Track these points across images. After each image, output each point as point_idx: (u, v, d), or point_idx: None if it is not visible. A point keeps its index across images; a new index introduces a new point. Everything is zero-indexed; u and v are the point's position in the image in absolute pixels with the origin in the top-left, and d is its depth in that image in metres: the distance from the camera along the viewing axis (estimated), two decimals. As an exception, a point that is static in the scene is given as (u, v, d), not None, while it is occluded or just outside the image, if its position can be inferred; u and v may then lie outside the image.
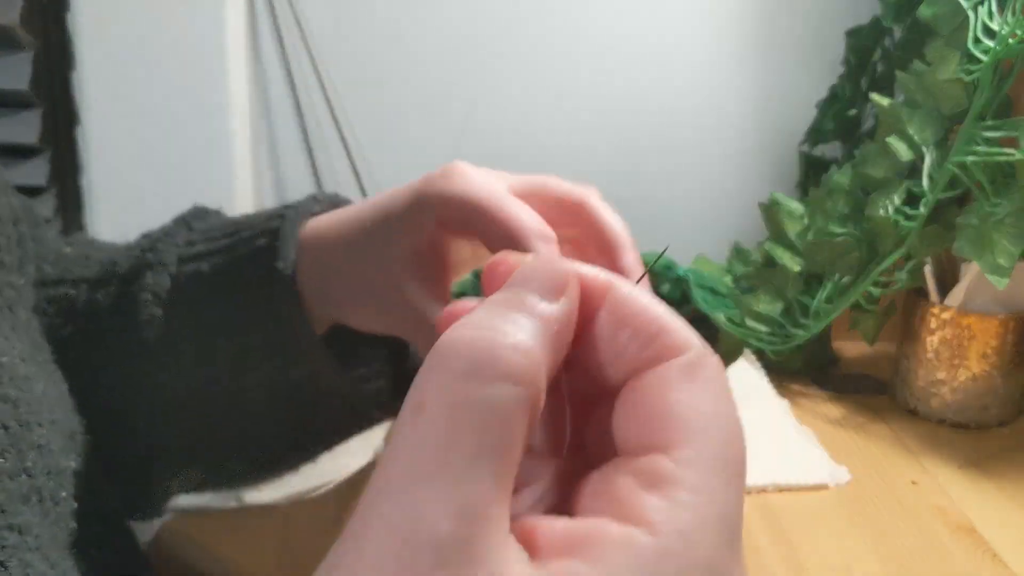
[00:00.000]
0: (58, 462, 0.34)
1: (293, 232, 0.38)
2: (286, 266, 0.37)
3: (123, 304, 0.39)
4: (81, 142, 0.87)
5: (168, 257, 0.39)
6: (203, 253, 0.39)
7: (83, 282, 0.41)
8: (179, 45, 0.85)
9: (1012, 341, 0.66)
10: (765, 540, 0.53)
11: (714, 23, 0.91)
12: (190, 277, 0.38)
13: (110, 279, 0.41)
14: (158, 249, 0.40)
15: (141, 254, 0.40)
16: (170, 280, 0.38)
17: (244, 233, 0.39)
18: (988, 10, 0.62)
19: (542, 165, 0.95)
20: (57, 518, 0.33)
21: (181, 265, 0.39)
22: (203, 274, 0.38)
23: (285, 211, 0.39)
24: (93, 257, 0.43)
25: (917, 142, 0.66)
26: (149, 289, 0.38)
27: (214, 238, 0.40)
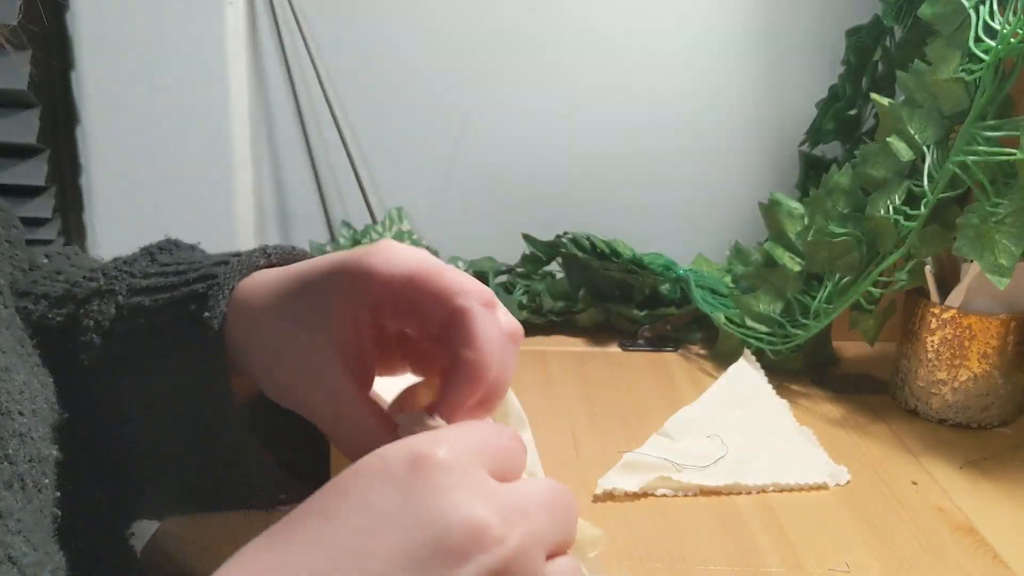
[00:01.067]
0: (40, 450, 0.35)
1: (228, 282, 0.37)
2: (213, 316, 0.36)
3: (70, 327, 0.40)
4: (81, 142, 0.87)
5: (119, 286, 0.40)
6: (151, 288, 0.39)
7: (44, 299, 0.42)
8: (179, 45, 0.85)
9: (1013, 341, 0.66)
10: (765, 540, 0.53)
11: (714, 23, 0.91)
12: (133, 309, 0.39)
13: (67, 301, 0.41)
14: (113, 276, 0.40)
15: (99, 278, 0.41)
16: (115, 310, 0.39)
17: (190, 273, 0.39)
18: (989, 9, 0.62)
19: (542, 164, 0.95)
20: (41, 505, 0.34)
21: (129, 296, 0.39)
22: (144, 308, 0.39)
23: (230, 258, 0.39)
24: (64, 273, 0.44)
25: (917, 142, 0.66)
26: (93, 316, 0.39)
27: (166, 273, 0.40)
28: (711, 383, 0.72)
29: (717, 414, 0.66)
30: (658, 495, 0.57)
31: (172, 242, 0.44)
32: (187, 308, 0.37)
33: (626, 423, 0.67)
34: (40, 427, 0.36)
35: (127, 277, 0.40)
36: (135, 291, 0.39)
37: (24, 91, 0.79)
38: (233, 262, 0.38)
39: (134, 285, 0.40)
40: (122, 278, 0.40)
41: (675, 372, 0.77)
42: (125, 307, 0.39)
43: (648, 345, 0.83)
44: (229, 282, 0.37)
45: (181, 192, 0.89)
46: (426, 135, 0.94)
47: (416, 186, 0.96)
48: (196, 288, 0.38)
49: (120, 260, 0.42)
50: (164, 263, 0.41)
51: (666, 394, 0.72)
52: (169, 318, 0.38)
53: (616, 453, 0.61)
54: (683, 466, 0.58)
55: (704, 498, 0.57)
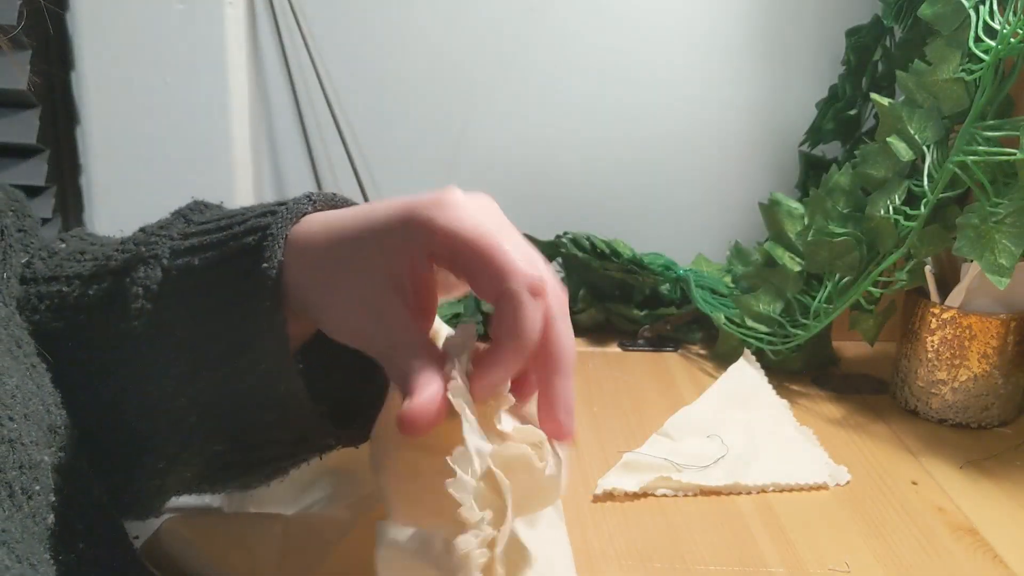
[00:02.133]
0: (31, 456, 0.34)
1: (282, 231, 0.37)
2: (271, 266, 0.36)
3: (114, 298, 0.39)
4: (81, 142, 0.87)
5: (161, 250, 0.39)
6: (195, 247, 0.38)
7: (76, 278, 0.41)
8: (179, 45, 0.85)
9: (1013, 341, 0.66)
10: (765, 540, 0.53)
11: (714, 23, 0.91)
12: (181, 271, 0.38)
13: (103, 275, 0.40)
14: (152, 242, 0.40)
15: (135, 248, 0.40)
16: (161, 273, 0.38)
17: (236, 228, 0.38)
18: (989, 9, 0.62)
19: (542, 164, 0.95)
20: (31, 512, 0.33)
21: (173, 258, 0.38)
22: (194, 268, 0.38)
23: (277, 208, 0.39)
24: (88, 252, 0.43)
25: (917, 142, 0.66)
26: (140, 283, 0.38)
27: (208, 231, 0.39)
28: (711, 383, 0.72)
29: (717, 414, 0.66)
30: (658, 495, 0.57)
31: (200, 202, 0.44)
32: (241, 262, 0.37)
33: (626, 423, 0.67)
34: (33, 431, 0.35)
35: (167, 240, 0.39)
36: (178, 252, 0.39)
37: (24, 91, 0.79)
38: (281, 211, 0.38)
39: (176, 247, 0.39)
40: (161, 242, 0.39)
41: (675, 372, 0.77)
42: (172, 269, 0.38)
43: (648, 345, 0.83)
44: (283, 231, 0.37)
45: (181, 192, 0.88)
46: (426, 135, 0.94)
47: (416, 186, 0.95)
48: (247, 241, 0.37)
49: (151, 227, 0.42)
50: (201, 222, 0.40)
51: (666, 394, 0.72)
52: (223, 274, 0.37)
53: (616, 453, 0.61)
54: (683, 466, 0.58)
55: (704, 498, 0.57)
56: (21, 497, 0.33)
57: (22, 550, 0.31)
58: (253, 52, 0.91)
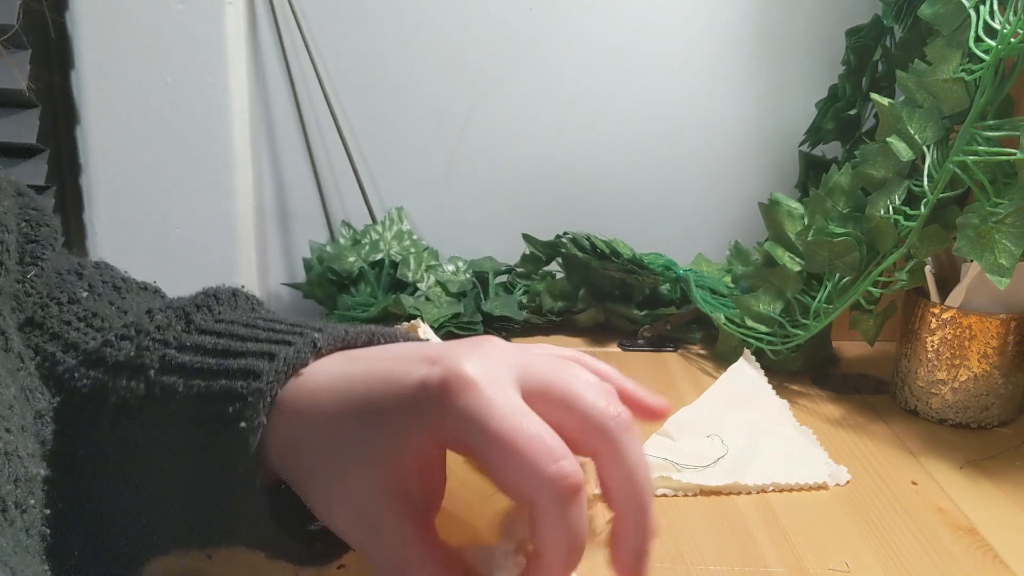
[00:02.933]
0: (27, 469, 0.33)
1: (271, 387, 0.33)
2: (248, 428, 0.33)
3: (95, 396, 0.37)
4: (81, 142, 0.87)
5: (151, 358, 0.36)
6: (185, 367, 0.36)
7: (73, 349, 0.39)
8: (179, 45, 0.85)
9: (1013, 341, 0.66)
10: (765, 540, 0.53)
11: (714, 23, 0.91)
12: (165, 391, 0.35)
13: (97, 363, 0.38)
14: (145, 346, 0.37)
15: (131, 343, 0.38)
16: (144, 388, 0.36)
17: (230, 363, 0.35)
18: (989, 9, 0.62)
19: (542, 164, 0.95)
20: (26, 525, 0.32)
21: (161, 373, 0.36)
22: (177, 394, 0.35)
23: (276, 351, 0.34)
24: (100, 317, 0.41)
25: (917, 142, 0.66)
26: (121, 393, 0.36)
27: (204, 350, 0.36)
28: (711, 383, 0.72)
29: (717, 414, 0.66)
30: (658, 495, 0.57)
31: (211, 295, 0.40)
32: (225, 408, 0.34)
33: (626, 423, 0.67)
34: (29, 444, 0.34)
35: (160, 347, 0.37)
36: (168, 368, 0.36)
37: (24, 91, 0.79)
38: (280, 357, 0.34)
39: (168, 358, 0.36)
40: (155, 348, 0.37)
41: (675, 372, 0.77)
42: (156, 386, 0.36)
43: (648, 345, 0.83)
44: (272, 388, 0.34)
45: (181, 192, 0.89)
46: (426, 135, 0.94)
47: (416, 186, 0.96)
48: (236, 386, 0.34)
49: (154, 318, 0.38)
50: (203, 329, 0.37)
51: (666, 394, 0.72)
52: (203, 411, 0.34)
53: (616, 453, 0.61)
54: (683, 466, 0.58)
55: (704, 498, 0.57)
56: (15, 511, 0.32)
57: (15, 563, 0.30)
58: (253, 52, 0.91)
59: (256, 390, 0.33)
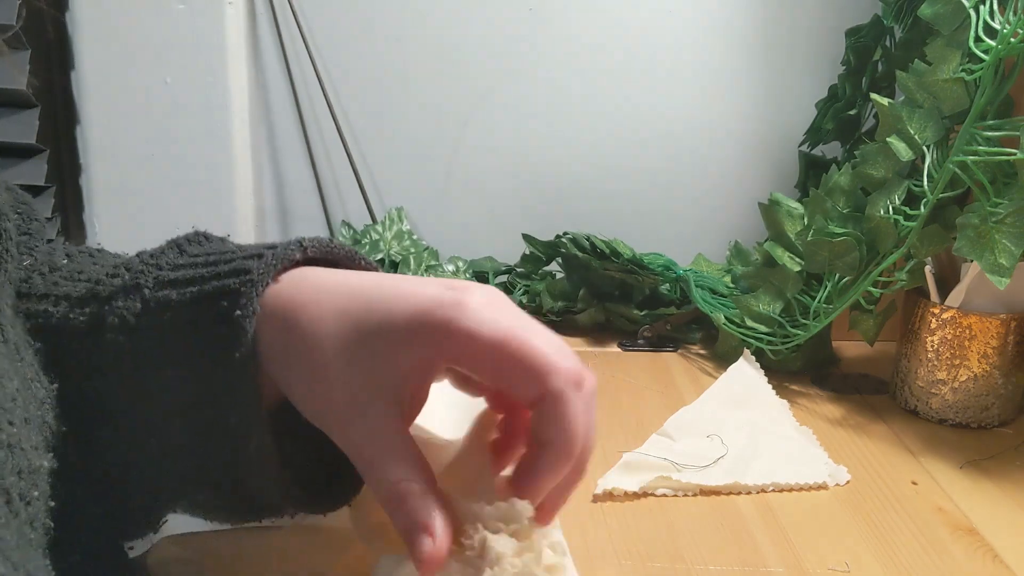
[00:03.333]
0: (31, 461, 0.33)
1: (263, 279, 0.35)
2: (243, 315, 0.34)
3: (93, 327, 0.38)
4: (81, 142, 0.87)
5: (145, 279, 0.37)
6: (178, 280, 0.37)
7: (64, 300, 0.40)
8: (179, 45, 0.85)
9: (1013, 341, 0.66)
10: (765, 540, 0.53)
11: (714, 23, 0.91)
12: (160, 304, 0.36)
13: (89, 300, 0.39)
14: (139, 270, 0.38)
15: (124, 273, 0.39)
16: (141, 305, 0.37)
17: (221, 266, 0.36)
18: (989, 9, 0.62)
19: (542, 164, 0.95)
20: (30, 518, 0.32)
21: (156, 289, 0.37)
22: (171, 302, 0.36)
23: (264, 252, 0.36)
24: (86, 273, 0.42)
25: (917, 142, 0.66)
26: (118, 313, 0.37)
27: (196, 264, 0.37)
28: (711, 383, 0.72)
29: (717, 414, 0.66)
30: (658, 495, 0.57)
31: (201, 234, 0.42)
32: (218, 304, 0.35)
33: (626, 423, 0.67)
34: (33, 436, 0.34)
35: (154, 270, 0.38)
36: (162, 284, 0.37)
37: (24, 91, 0.79)
38: (268, 255, 0.36)
39: (161, 278, 0.37)
40: (148, 271, 0.38)
41: (675, 372, 0.77)
42: (151, 300, 0.37)
43: (648, 345, 0.83)
44: (263, 279, 0.35)
45: (181, 192, 0.89)
46: (426, 135, 0.94)
47: (416, 186, 0.96)
48: (228, 283, 0.35)
49: (146, 253, 0.40)
50: (194, 254, 0.39)
51: (666, 394, 0.72)
52: (198, 313, 0.36)
53: (616, 453, 0.61)
54: (683, 466, 0.58)
55: (704, 498, 0.57)
56: (19, 503, 0.32)
57: (18, 557, 0.31)
58: (253, 52, 0.91)
59: (248, 281, 0.35)
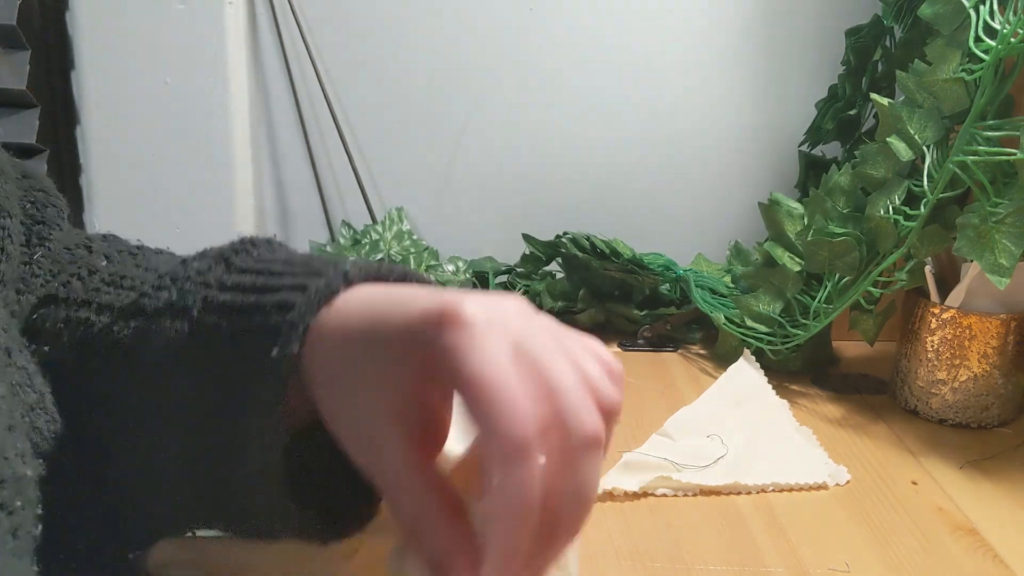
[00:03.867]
0: (14, 470, 0.33)
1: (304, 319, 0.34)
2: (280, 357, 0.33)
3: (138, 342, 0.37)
4: (81, 142, 0.87)
5: (194, 299, 0.36)
6: (227, 306, 0.36)
7: (108, 309, 0.39)
8: (179, 45, 0.85)
9: (1013, 341, 0.66)
10: (765, 540, 0.53)
11: (714, 24, 0.91)
12: (210, 329, 0.36)
13: (136, 314, 0.38)
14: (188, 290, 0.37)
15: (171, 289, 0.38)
16: (188, 328, 0.36)
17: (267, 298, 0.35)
18: (989, 9, 0.62)
19: (542, 164, 0.95)
20: (12, 527, 0.32)
21: (205, 313, 0.36)
22: (222, 329, 0.35)
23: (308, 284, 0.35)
24: (129, 278, 0.41)
25: (917, 142, 0.66)
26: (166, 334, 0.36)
27: (244, 288, 0.36)
28: (711, 383, 0.72)
29: (717, 414, 0.66)
30: (658, 495, 0.57)
31: (248, 241, 0.40)
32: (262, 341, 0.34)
33: (626, 423, 0.67)
34: (18, 444, 0.34)
35: (202, 288, 0.37)
36: (211, 308, 0.36)
37: (24, 91, 0.79)
38: (312, 289, 0.34)
39: (210, 299, 0.36)
40: (197, 290, 0.37)
41: (675, 372, 0.77)
42: (201, 324, 0.36)
43: (648, 345, 0.83)
44: (304, 319, 0.34)
45: (181, 192, 0.89)
46: (426, 135, 0.94)
47: (416, 186, 0.96)
48: (271, 320, 0.34)
49: (192, 264, 0.39)
50: (242, 269, 0.38)
51: (666, 394, 0.72)
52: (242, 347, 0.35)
53: (616, 453, 0.61)
54: (683, 466, 0.58)
55: (704, 498, 0.57)
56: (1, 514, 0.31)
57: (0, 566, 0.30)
58: (253, 52, 0.91)
59: (290, 322, 0.34)
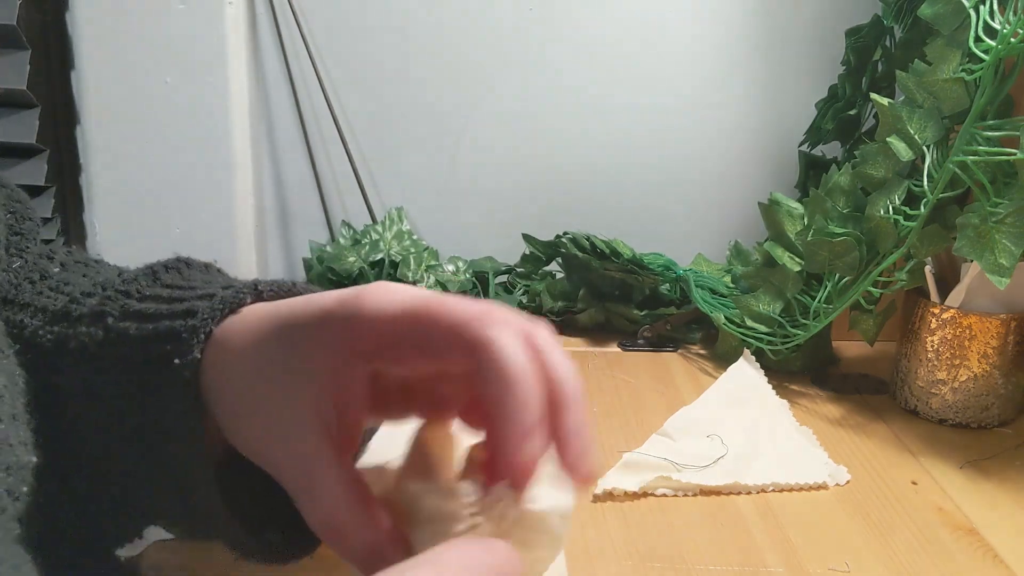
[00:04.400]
0: (19, 457, 0.33)
1: (205, 324, 0.34)
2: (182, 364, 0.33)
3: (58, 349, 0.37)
4: (81, 142, 0.87)
5: (113, 307, 0.37)
6: (141, 313, 0.36)
7: (41, 313, 0.39)
8: (179, 45, 0.85)
9: (1013, 341, 0.66)
10: (765, 540, 0.53)
11: (714, 23, 0.91)
12: (120, 335, 0.36)
13: (62, 318, 0.38)
14: (108, 296, 0.38)
15: (99, 295, 0.38)
16: (103, 334, 0.36)
17: (177, 305, 0.35)
18: (989, 9, 0.62)
19: (542, 164, 0.95)
20: (16, 514, 0.32)
21: (120, 319, 0.36)
22: (130, 337, 0.35)
23: (216, 292, 0.36)
24: (71, 285, 0.41)
25: (917, 142, 0.66)
26: (81, 339, 0.37)
27: (159, 298, 0.37)
28: (711, 383, 0.72)
29: (717, 414, 0.66)
30: (658, 495, 0.57)
31: (183, 260, 0.40)
32: (164, 347, 0.34)
33: (626, 423, 0.67)
34: (20, 431, 0.34)
35: (122, 298, 0.37)
36: (127, 315, 0.36)
37: (24, 91, 0.79)
38: (218, 297, 0.35)
39: (127, 307, 0.37)
40: (117, 298, 0.37)
41: (675, 372, 0.77)
42: (113, 331, 0.36)
43: (648, 345, 0.83)
44: (206, 325, 0.34)
45: (181, 192, 0.89)
46: (426, 135, 0.94)
47: (416, 186, 0.96)
48: (176, 325, 0.35)
49: (127, 274, 0.39)
50: (166, 283, 0.38)
51: (666, 394, 0.72)
52: (148, 353, 0.35)
53: (616, 453, 0.61)
54: (683, 466, 0.58)
55: (704, 498, 0.57)
56: (7, 499, 0.32)
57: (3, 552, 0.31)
58: (253, 52, 0.91)
59: (191, 327, 0.34)
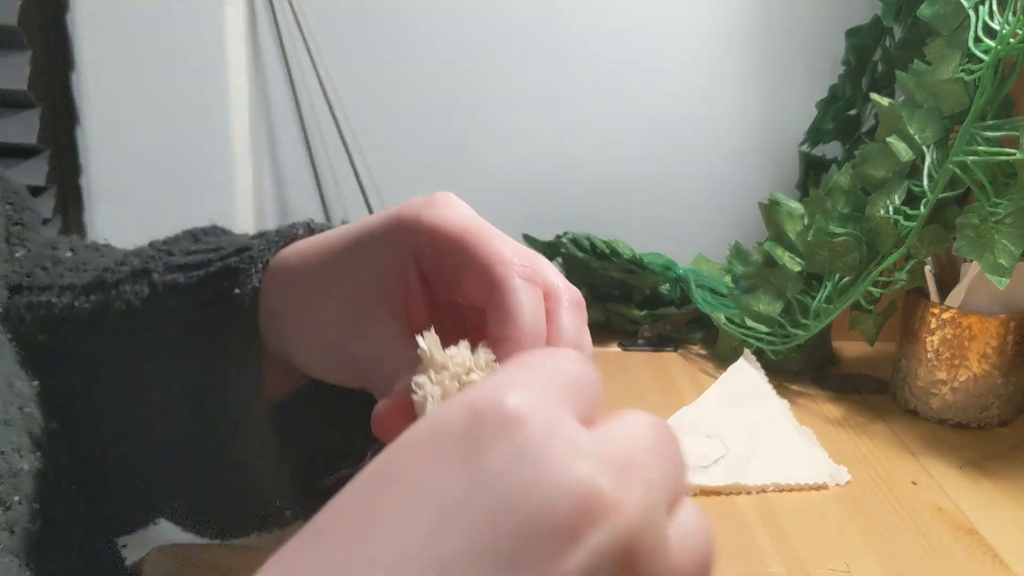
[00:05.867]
0: (11, 464, 0.33)
1: (263, 254, 0.34)
2: (242, 293, 0.34)
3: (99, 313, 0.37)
4: (81, 142, 0.87)
5: (156, 264, 0.37)
6: (188, 264, 0.36)
7: (69, 290, 0.39)
8: (179, 45, 0.85)
9: (1012, 341, 0.66)
10: (765, 540, 0.53)
11: (714, 23, 0.91)
12: (168, 287, 0.36)
13: (96, 287, 0.38)
14: (150, 256, 0.38)
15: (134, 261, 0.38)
16: (148, 289, 0.36)
17: (226, 248, 0.36)
18: (989, 9, 0.62)
19: (542, 164, 0.95)
20: (8, 522, 0.32)
21: (165, 273, 0.37)
22: (179, 286, 0.36)
23: (266, 232, 0.37)
24: (91, 263, 0.41)
25: (917, 142, 0.66)
26: (125, 297, 0.36)
27: (205, 250, 0.37)
28: (711, 383, 0.72)
29: (717, 414, 0.66)
30: (658, 495, 0.57)
31: (219, 228, 0.41)
32: (220, 284, 0.35)
33: (626, 423, 0.67)
34: (13, 437, 0.34)
35: (164, 255, 0.37)
36: (172, 268, 0.37)
37: (24, 91, 0.79)
38: (271, 233, 0.36)
39: (172, 263, 0.37)
40: (159, 256, 0.37)
41: (675, 372, 0.77)
42: (160, 284, 0.36)
43: (648, 345, 0.83)
44: (264, 255, 0.34)
45: (181, 192, 0.89)
46: (427, 135, 0.94)
47: (416, 186, 0.96)
48: (230, 262, 0.35)
49: (159, 241, 0.40)
50: (207, 242, 0.38)
51: (666, 394, 0.72)
52: (203, 294, 0.35)
53: (616, 453, 0.61)
54: (683, 466, 0.58)
55: (704, 498, 0.57)
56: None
57: None
58: (253, 52, 0.91)
59: (248, 258, 0.35)
